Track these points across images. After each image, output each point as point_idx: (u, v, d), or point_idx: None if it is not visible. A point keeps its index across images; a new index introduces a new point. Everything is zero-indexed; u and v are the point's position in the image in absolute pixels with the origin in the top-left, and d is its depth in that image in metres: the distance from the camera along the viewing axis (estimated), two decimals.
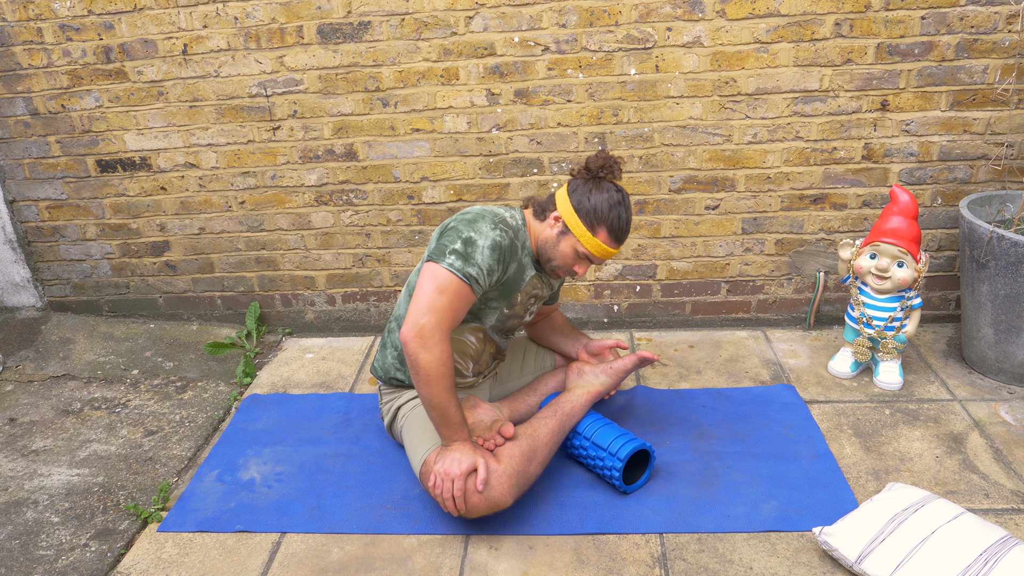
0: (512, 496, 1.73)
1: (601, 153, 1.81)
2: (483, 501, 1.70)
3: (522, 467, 1.76)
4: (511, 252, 1.79)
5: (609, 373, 2.02)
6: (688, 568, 1.69)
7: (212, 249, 2.78)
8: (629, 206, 1.81)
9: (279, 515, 1.91)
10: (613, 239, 1.80)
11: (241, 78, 2.49)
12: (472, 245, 1.70)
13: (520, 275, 1.88)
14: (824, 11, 2.27)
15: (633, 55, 2.37)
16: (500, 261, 1.75)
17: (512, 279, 1.86)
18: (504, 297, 1.89)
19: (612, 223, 1.77)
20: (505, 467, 1.74)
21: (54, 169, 2.70)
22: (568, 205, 1.79)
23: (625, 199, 1.80)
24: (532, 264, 1.91)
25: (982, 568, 1.50)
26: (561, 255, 1.83)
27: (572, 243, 1.81)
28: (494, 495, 1.70)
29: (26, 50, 2.52)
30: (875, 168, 2.47)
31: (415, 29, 2.39)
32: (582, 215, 1.77)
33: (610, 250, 1.81)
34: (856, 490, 1.89)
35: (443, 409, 1.69)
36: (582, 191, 1.79)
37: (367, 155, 2.58)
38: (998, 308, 2.22)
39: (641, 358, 2.04)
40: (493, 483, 1.71)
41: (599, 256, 1.81)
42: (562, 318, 2.27)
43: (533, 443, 1.82)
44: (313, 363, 2.65)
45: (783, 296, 2.70)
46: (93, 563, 1.80)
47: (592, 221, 1.77)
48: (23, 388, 2.57)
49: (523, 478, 1.76)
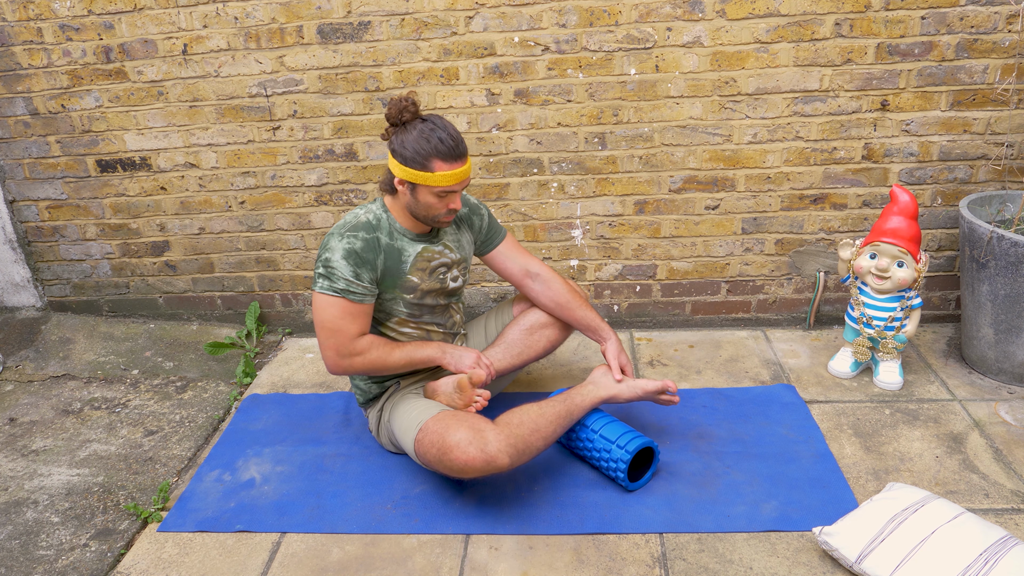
0: (508, 455, 1.71)
1: (391, 101, 1.80)
2: (480, 455, 1.69)
3: (522, 433, 1.77)
4: (369, 249, 1.84)
5: (631, 385, 2.00)
6: (688, 568, 1.69)
7: (212, 249, 2.78)
8: (442, 123, 1.79)
9: (279, 515, 1.91)
10: (451, 160, 1.78)
11: (241, 78, 2.49)
12: (329, 265, 1.82)
13: (398, 261, 1.90)
14: (824, 11, 2.27)
15: (633, 55, 2.37)
16: (361, 263, 1.83)
17: (390, 268, 1.89)
18: (394, 287, 1.91)
19: (438, 148, 1.76)
20: (504, 428, 1.75)
21: (54, 169, 2.70)
22: (396, 164, 1.80)
23: (435, 121, 1.78)
24: (413, 240, 1.92)
25: (982, 568, 1.50)
26: (427, 206, 1.84)
27: (426, 191, 1.81)
28: (491, 450, 1.69)
29: (26, 50, 2.52)
30: (875, 168, 2.47)
31: (415, 29, 2.39)
32: (412, 164, 1.78)
33: (458, 171, 1.79)
34: (856, 490, 1.89)
35: (408, 359, 1.95)
36: (397, 144, 1.79)
37: (367, 155, 2.58)
38: (998, 308, 2.22)
39: (665, 386, 1.99)
40: (491, 439, 1.71)
41: (455, 183, 1.80)
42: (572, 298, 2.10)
43: (538, 418, 1.82)
44: (313, 363, 2.65)
45: (783, 296, 2.70)
46: (93, 563, 1.80)
47: (421, 162, 1.77)
48: (23, 388, 2.57)
49: (522, 443, 1.76)
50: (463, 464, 1.70)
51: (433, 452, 1.76)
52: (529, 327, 2.13)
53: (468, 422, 1.76)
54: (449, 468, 1.74)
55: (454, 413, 1.83)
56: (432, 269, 1.96)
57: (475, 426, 1.74)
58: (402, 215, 1.91)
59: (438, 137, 1.76)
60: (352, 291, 1.82)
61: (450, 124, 1.81)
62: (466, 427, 1.74)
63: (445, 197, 1.83)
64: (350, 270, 1.81)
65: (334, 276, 1.81)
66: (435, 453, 1.75)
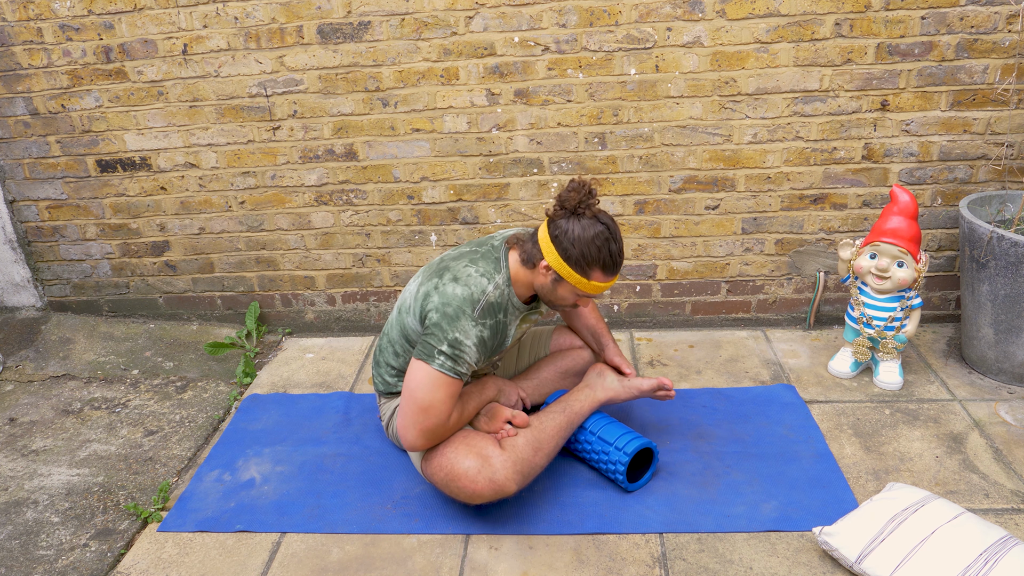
0: (516, 482, 1.73)
1: (572, 185, 1.70)
2: (488, 485, 1.71)
3: (527, 455, 1.77)
4: (493, 336, 1.79)
5: (627, 386, 2.00)
6: (688, 568, 1.69)
7: (212, 249, 2.78)
8: (617, 234, 1.73)
9: (279, 515, 1.91)
10: (609, 274, 1.74)
11: (241, 78, 2.49)
12: (459, 347, 1.71)
13: (504, 336, 1.85)
14: (824, 11, 2.27)
15: (633, 55, 2.37)
16: (486, 350, 1.78)
17: (497, 346, 1.85)
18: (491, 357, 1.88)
19: (604, 262, 1.70)
20: (510, 454, 1.75)
21: (54, 169, 2.70)
22: (555, 254, 1.71)
23: (611, 229, 1.71)
24: (518, 311, 1.86)
25: (982, 568, 1.50)
26: (561, 299, 1.80)
27: (570, 289, 1.76)
28: (499, 479, 1.71)
29: (26, 50, 2.52)
30: (875, 168, 2.47)
31: (415, 29, 2.39)
32: (572, 263, 1.70)
33: (609, 284, 1.77)
34: (856, 490, 1.89)
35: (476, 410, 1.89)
36: (564, 236, 1.69)
37: (367, 155, 2.58)
38: (998, 308, 2.22)
39: (660, 384, 1.99)
40: (498, 467, 1.72)
41: (600, 292, 1.77)
42: (594, 316, 2.16)
43: (539, 435, 1.82)
44: (313, 363, 2.65)
45: (783, 296, 2.70)
46: (93, 563, 1.80)
47: (583, 266, 1.70)
48: (23, 388, 2.57)
49: (528, 466, 1.77)
50: (471, 493, 1.72)
51: (441, 476, 1.77)
52: (565, 370, 2.15)
53: (476, 448, 1.75)
54: (456, 494, 1.76)
55: (465, 436, 1.80)
56: (523, 333, 1.96)
57: (482, 453, 1.74)
58: (522, 286, 1.83)
59: (609, 250, 1.69)
60: (467, 374, 1.75)
61: (620, 235, 1.74)
62: (474, 454, 1.74)
63: (582, 298, 1.80)
64: (476, 356, 1.75)
65: (460, 360, 1.71)
66: (443, 477, 1.76)
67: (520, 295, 1.85)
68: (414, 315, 1.82)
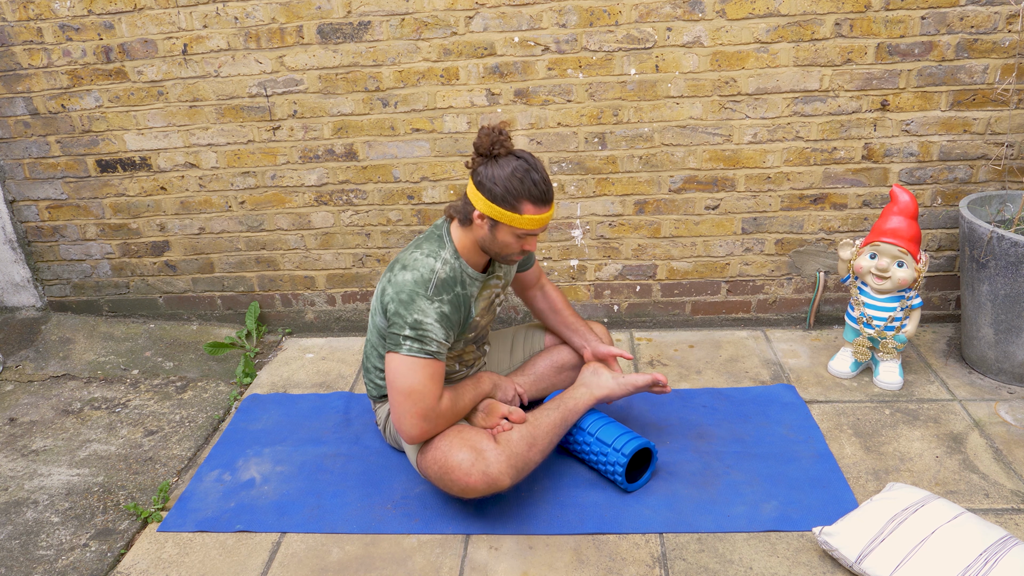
0: (510, 476, 1.73)
1: (483, 130, 1.70)
2: (482, 478, 1.70)
3: (521, 450, 1.77)
4: (455, 310, 1.79)
5: (622, 383, 1.99)
6: (688, 568, 1.69)
7: (212, 249, 2.78)
8: (536, 164, 1.70)
9: (279, 515, 1.91)
10: (539, 205, 1.71)
11: (241, 78, 2.49)
12: (422, 327, 1.72)
13: (468, 308, 1.85)
14: (824, 11, 2.27)
15: (633, 55, 2.37)
16: (450, 325, 1.78)
17: (463, 317, 1.85)
18: (463, 332, 1.89)
19: (530, 191, 1.69)
20: (504, 448, 1.75)
21: (54, 169, 2.70)
22: (483, 200, 1.71)
23: (528, 161, 1.70)
24: (475, 280, 1.86)
25: (982, 568, 1.50)
26: (504, 244, 1.78)
27: (507, 231, 1.74)
28: (492, 472, 1.71)
29: (26, 50, 2.52)
30: (875, 168, 2.47)
31: (415, 29, 2.39)
32: (499, 202, 1.70)
33: (545, 215, 1.74)
34: (856, 490, 1.89)
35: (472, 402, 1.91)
36: (487, 179, 1.70)
37: (367, 155, 2.58)
38: (998, 308, 2.22)
39: (655, 380, 1.99)
40: (492, 460, 1.72)
41: (540, 227, 1.75)
42: (565, 305, 2.18)
43: (534, 430, 1.82)
44: (313, 363, 2.65)
45: (783, 296, 2.70)
46: (93, 563, 1.80)
47: (511, 202, 1.69)
48: (23, 388, 2.57)
49: (521, 461, 1.76)
50: (464, 486, 1.72)
51: (435, 469, 1.77)
52: (560, 365, 2.16)
53: (471, 442, 1.75)
54: (450, 488, 1.75)
55: (459, 430, 1.81)
56: (490, 304, 1.95)
57: (476, 446, 1.74)
58: (470, 251, 1.83)
59: (532, 179, 1.68)
60: (441, 352, 1.76)
61: (542, 165, 1.73)
62: (468, 447, 1.74)
63: (524, 239, 1.78)
64: (443, 333, 1.75)
65: (427, 339, 1.72)
66: (436, 471, 1.76)
67: (473, 263, 1.85)
68: (380, 313, 1.84)
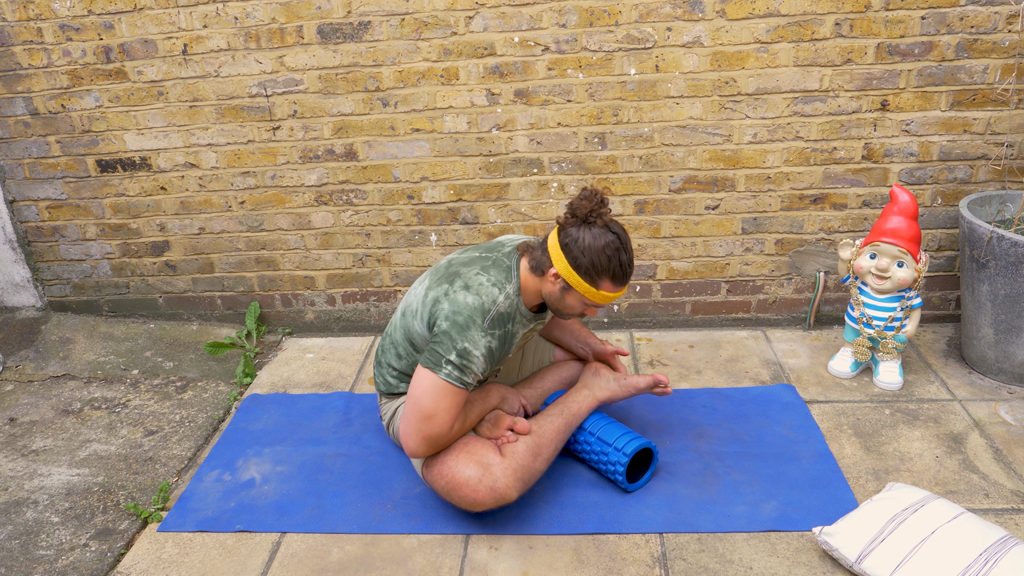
0: (517, 490, 1.74)
1: (584, 194, 1.69)
2: (489, 494, 1.71)
3: (527, 462, 1.77)
4: (502, 343, 1.78)
5: (623, 385, 1.99)
6: (688, 568, 1.69)
7: (212, 249, 2.78)
8: (627, 245, 1.70)
9: (279, 515, 1.91)
10: (618, 285, 1.72)
11: (241, 78, 2.49)
12: (467, 357, 1.69)
13: (510, 345, 1.83)
14: (824, 11, 2.27)
15: (633, 55, 2.37)
16: (494, 360, 1.77)
17: (503, 354, 1.83)
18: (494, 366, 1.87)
19: (614, 271, 1.69)
20: (510, 461, 1.75)
21: (54, 169, 2.70)
22: (564, 262, 1.69)
23: (622, 239, 1.69)
24: (526, 321, 1.84)
25: (982, 568, 1.50)
26: (568, 307, 1.78)
27: (578, 297, 1.74)
28: (500, 487, 1.71)
29: (26, 50, 2.52)
30: (875, 168, 2.47)
31: (415, 29, 2.39)
32: (581, 272, 1.68)
33: (619, 293, 1.74)
34: (856, 490, 1.89)
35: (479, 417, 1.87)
36: (575, 244, 1.68)
37: (367, 155, 2.58)
38: (998, 308, 2.22)
39: (656, 380, 1.99)
40: (499, 475, 1.72)
41: (609, 303, 1.76)
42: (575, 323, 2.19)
43: (538, 440, 1.82)
44: (313, 363, 2.65)
45: (783, 296, 2.70)
46: (93, 563, 1.80)
47: (592, 276, 1.68)
48: (23, 388, 2.57)
49: (528, 472, 1.77)
50: (472, 501, 1.72)
51: (442, 484, 1.76)
52: (568, 380, 2.16)
53: (477, 456, 1.75)
54: (458, 502, 1.75)
55: (465, 443, 1.79)
56: (524, 341, 1.94)
57: (483, 461, 1.74)
58: (531, 294, 1.81)
59: (619, 260, 1.67)
60: (473, 385, 1.74)
61: (630, 244, 1.72)
62: (475, 463, 1.74)
63: (589, 307, 1.79)
64: (484, 367, 1.73)
65: (467, 370, 1.70)
66: (444, 485, 1.76)
67: (528, 303, 1.83)
68: (421, 320, 1.80)
